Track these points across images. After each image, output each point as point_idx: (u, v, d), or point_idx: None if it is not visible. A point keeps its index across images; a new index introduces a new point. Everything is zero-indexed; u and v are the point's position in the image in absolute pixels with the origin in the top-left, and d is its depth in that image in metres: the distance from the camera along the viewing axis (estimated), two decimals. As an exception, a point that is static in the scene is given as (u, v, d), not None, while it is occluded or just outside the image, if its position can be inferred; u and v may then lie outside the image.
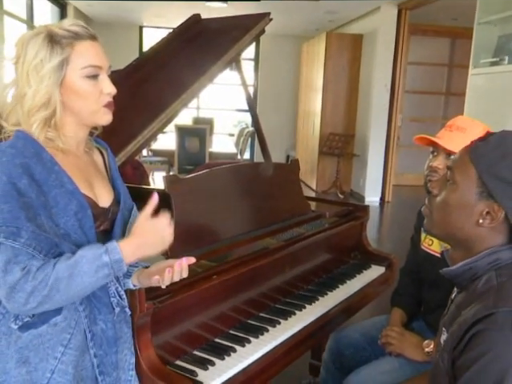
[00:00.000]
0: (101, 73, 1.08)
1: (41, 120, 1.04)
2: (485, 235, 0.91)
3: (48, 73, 1.02)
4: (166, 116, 1.73)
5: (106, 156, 1.25)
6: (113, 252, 1.00)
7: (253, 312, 1.61)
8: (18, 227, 0.95)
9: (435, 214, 0.98)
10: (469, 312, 0.87)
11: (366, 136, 7.02)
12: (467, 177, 0.91)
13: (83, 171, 1.12)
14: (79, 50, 1.05)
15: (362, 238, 2.25)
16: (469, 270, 0.93)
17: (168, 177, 1.51)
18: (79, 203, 1.04)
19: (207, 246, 1.58)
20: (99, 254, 0.99)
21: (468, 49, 8.12)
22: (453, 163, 0.96)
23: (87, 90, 1.07)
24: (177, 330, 1.35)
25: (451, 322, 0.94)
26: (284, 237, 1.85)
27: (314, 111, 7.68)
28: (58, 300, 0.98)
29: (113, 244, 1.01)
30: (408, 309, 1.74)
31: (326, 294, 1.83)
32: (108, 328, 1.11)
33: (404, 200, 7.47)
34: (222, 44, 2.03)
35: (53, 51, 1.03)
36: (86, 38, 1.06)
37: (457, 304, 0.97)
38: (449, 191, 0.94)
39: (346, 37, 7.27)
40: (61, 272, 0.96)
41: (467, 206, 0.91)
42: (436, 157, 1.55)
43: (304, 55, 8.39)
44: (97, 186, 1.14)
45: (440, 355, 0.91)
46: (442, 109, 8.43)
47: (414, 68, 7.73)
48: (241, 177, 1.84)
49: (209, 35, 2.16)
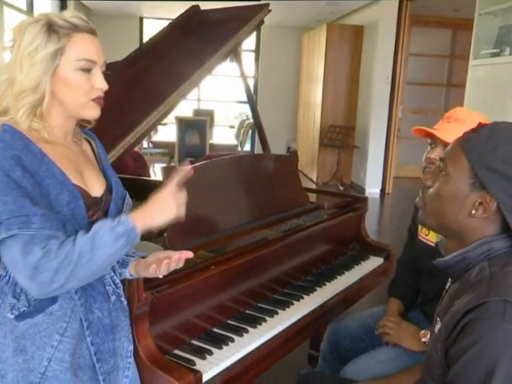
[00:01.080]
0: (95, 68, 1.08)
1: (28, 106, 1.03)
2: (477, 226, 0.92)
3: (41, 59, 1.02)
4: (165, 107, 1.73)
5: (94, 146, 1.25)
6: (126, 222, 1.01)
7: (252, 303, 1.62)
8: (27, 215, 0.95)
9: (428, 206, 0.99)
10: (461, 302, 0.88)
11: (366, 127, 7.01)
12: (459, 168, 0.91)
13: (73, 161, 1.12)
14: (76, 42, 1.05)
15: (360, 230, 2.26)
16: (462, 260, 0.93)
17: (167, 168, 1.51)
18: (70, 193, 1.05)
19: (206, 236, 1.59)
20: (113, 225, 1.01)
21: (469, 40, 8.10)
22: (446, 154, 0.96)
23: (78, 82, 1.06)
24: (175, 320, 1.36)
25: (445, 312, 0.95)
26: (283, 228, 1.86)
27: (314, 102, 7.67)
28: (82, 276, 1.00)
29: (124, 216, 1.03)
30: (405, 299, 1.75)
31: (324, 285, 1.84)
32: (104, 316, 1.13)
33: (404, 192, 7.47)
34: (221, 35, 2.02)
35: (49, 39, 1.03)
36: (84, 31, 1.06)
37: (450, 294, 0.98)
38: (442, 182, 0.95)
39: (347, 28, 7.23)
40: (83, 246, 0.98)
41: (459, 197, 0.92)
42: (433, 148, 1.54)
43: (305, 46, 8.36)
44: (88, 176, 1.15)
45: (434, 344, 0.92)
46: (443, 101, 8.40)
47: (415, 60, 7.69)
48: (240, 169, 1.84)
49: (208, 26, 2.15)
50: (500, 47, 3.60)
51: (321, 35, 7.30)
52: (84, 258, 0.97)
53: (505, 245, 0.89)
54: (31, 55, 1.02)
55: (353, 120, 7.40)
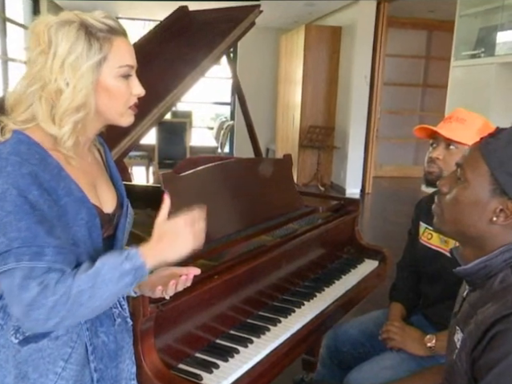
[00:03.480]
0: (133, 73, 1.02)
1: (74, 123, 0.95)
2: (497, 233, 0.90)
3: (86, 71, 0.94)
4: (159, 110, 1.68)
5: (103, 153, 1.17)
6: (134, 258, 0.93)
7: (252, 311, 1.58)
8: (40, 246, 0.87)
9: (446, 213, 0.96)
10: (486, 312, 0.85)
11: (346, 128, 7.05)
12: (479, 174, 0.89)
13: (88, 174, 1.05)
14: (117, 47, 0.97)
15: (355, 233, 2.24)
16: (484, 268, 0.91)
17: (165, 174, 1.46)
18: (88, 212, 0.98)
19: (205, 244, 1.54)
20: (120, 261, 0.93)
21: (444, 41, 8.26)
22: (463, 160, 0.94)
23: (120, 90, 0.99)
24: (178, 333, 1.31)
25: (465, 321, 0.93)
26: (280, 233, 1.82)
27: (293, 104, 7.67)
28: (81, 314, 0.92)
29: (133, 250, 0.95)
30: (407, 303, 1.74)
31: (323, 290, 1.81)
32: (110, 340, 1.07)
33: (383, 191, 7.55)
34: (213, 37, 1.98)
35: (91, 46, 0.94)
36: (121, 33, 0.99)
37: (470, 302, 0.95)
38: (461, 189, 0.92)
39: (325, 29, 7.26)
40: (83, 283, 0.90)
41: (479, 204, 0.89)
42: (435, 148, 1.55)
43: (283, 47, 8.36)
44: (101, 190, 1.08)
45: (458, 355, 0.90)
46: (420, 101, 8.54)
47: (392, 60, 7.78)
48: (236, 173, 1.80)
49: (199, 28, 2.10)
50: (480, 49, 3.66)
51: (299, 36, 7.31)
52: (84, 296, 0.89)
53: None
54: (74, 66, 0.93)
55: (332, 120, 7.43)
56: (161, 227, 0.98)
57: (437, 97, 8.44)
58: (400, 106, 8.36)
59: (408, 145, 8.70)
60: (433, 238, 1.66)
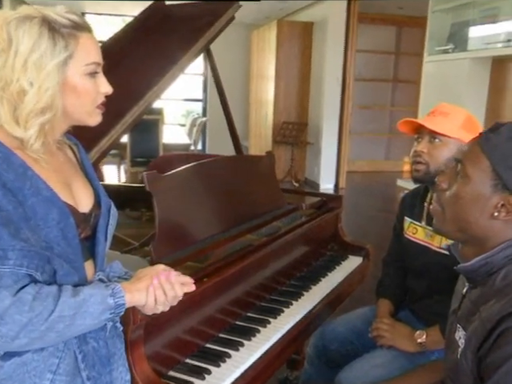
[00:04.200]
0: (99, 70, 0.97)
1: (41, 125, 0.90)
2: (499, 229, 0.89)
3: (53, 71, 0.89)
4: (139, 108, 1.63)
5: (77, 151, 1.12)
6: (118, 296, 0.92)
7: (241, 313, 1.55)
8: (3, 249, 0.82)
9: (447, 210, 0.95)
10: (491, 309, 0.84)
11: (319, 124, 7.07)
12: (480, 169, 0.88)
13: (59, 172, 1.00)
14: (83, 44, 0.93)
15: (338, 230, 2.23)
16: (485, 265, 0.90)
17: (149, 174, 1.41)
18: (59, 211, 0.92)
19: (191, 245, 1.50)
20: (105, 295, 0.91)
21: (413, 37, 8.38)
22: (463, 155, 0.93)
23: (87, 89, 0.95)
24: (168, 339, 1.26)
25: (468, 319, 0.92)
26: (264, 232, 1.79)
27: (266, 100, 7.65)
28: (48, 340, 0.88)
29: (118, 287, 0.94)
30: (394, 300, 1.73)
31: (310, 288, 1.79)
32: (101, 346, 1.01)
33: (356, 186, 7.62)
34: (192, 32, 1.93)
35: (56, 44, 0.89)
36: (86, 29, 0.94)
37: (472, 299, 0.94)
38: (461, 184, 0.91)
39: (297, 25, 7.25)
40: (67, 310, 0.86)
41: (481, 199, 0.88)
42: (420, 142, 1.55)
43: (254, 43, 8.32)
44: (76, 188, 1.03)
45: (463, 354, 0.88)
46: (390, 96, 8.64)
47: (362, 56, 7.84)
48: (220, 172, 1.76)
49: (177, 23, 2.04)
50: (453, 44, 3.70)
51: (271, 32, 7.28)
52: (62, 323, 0.86)
53: None
54: (38, 65, 0.88)
55: (305, 116, 7.44)
56: (142, 271, 1.01)
57: (408, 92, 8.57)
58: (370, 101, 8.45)
59: (379, 140, 8.81)
60: (418, 233, 1.66)
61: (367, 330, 1.64)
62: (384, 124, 8.74)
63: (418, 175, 1.56)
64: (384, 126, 8.75)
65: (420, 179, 1.57)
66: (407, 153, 7.76)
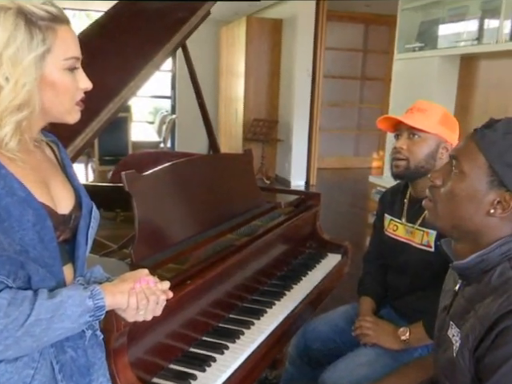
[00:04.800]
0: (78, 65, 0.92)
1: (17, 123, 0.85)
2: (494, 226, 0.89)
3: (30, 66, 0.83)
4: (114, 105, 1.57)
5: (57, 150, 1.06)
6: (97, 297, 0.88)
7: (223, 315, 1.52)
8: None
9: (440, 206, 0.94)
10: (488, 307, 0.84)
11: (289, 121, 7.08)
12: (476, 165, 0.87)
13: (37, 171, 0.94)
14: (62, 37, 0.87)
15: (316, 227, 2.22)
16: (481, 262, 0.89)
17: (128, 174, 1.35)
18: (35, 213, 0.87)
19: (172, 247, 1.46)
20: (84, 297, 0.86)
21: (381, 35, 8.47)
22: (458, 152, 0.92)
23: (66, 85, 0.90)
24: (151, 344, 1.22)
25: (462, 316, 0.91)
26: (244, 231, 1.76)
27: (236, 97, 7.60)
28: (25, 347, 0.83)
29: (97, 289, 0.89)
30: (376, 297, 1.73)
31: (291, 288, 1.77)
32: (79, 355, 0.96)
33: (327, 183, 7.67)
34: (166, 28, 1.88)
35: (33, 37, 0.83)
36: (65, 22, 0.89)
37: (466, 297, 0.94)
38: (456, 181, 0.90)
39: (266, 22, 7.23)
40: (43, 312, 0.81)
41: (476, 196, 0.88)
42: (399, 139, 1.57)
43: (223, 39, 8.25)
44: (55, 188, 0.97)
45: (460, 352, 0.88)
46: (358, 94, 8.72)
47: (331, 53, 7.89)
48: (199, 171, 1.72)
49: (151, 18, 1.98)
50: (422, 42, 3.76)
51: (240, 28, 7.24)
52: (39, 327, 0.81)
53: None
54: (14, 60, 0.82)
55: (275, 113, 7.44)
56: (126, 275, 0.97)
57: (376, 90, 8.67)
58: (339, 98, 8.51)
59: (348, 137, 8.90)
60: (399, 230, 1.66)
61: (350, 329, 1.64)
62: (353, 121, 8.84)
63: (398, 171, 1.56)
64: (352, 123, 8.84)
65: (401, 175, 1.58)
66: (375, 150, 7.86)
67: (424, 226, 1.55)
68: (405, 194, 1.68)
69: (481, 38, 3.18)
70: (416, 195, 1.60)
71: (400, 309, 1.67)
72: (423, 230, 1.56)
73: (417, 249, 1.58)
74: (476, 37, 3.26)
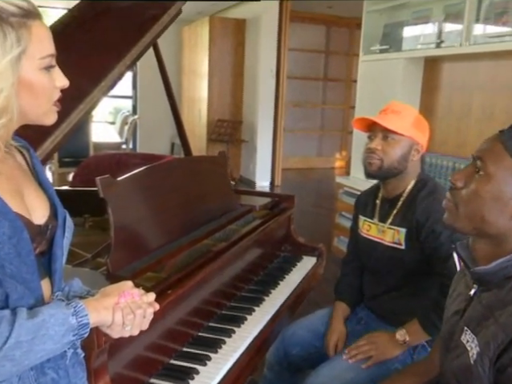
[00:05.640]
0: (54, 63, 0.86)
1: None
2: None
3: (6, 70, 0.76)
4: (85, 106, 1.49)
5: (28, 157, 0.98)
6: (81, 314, 0.81)
7: (203, 323, 1.47)
8: None
9: (462, 208, 0.90)
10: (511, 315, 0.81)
11: (254, 121, 7.06)
12: (503, 167, 0.85)
13: (11, 179, 0.87)
14: (37, 34, 0.80)
15: (290, 230, 2.20)
16: (505, 268, 0.87)
17: (103, 179, 1.28)
18: (11, 224, 0.80)
19: (149, 254, 1.40)
20: (67, 315, 0.80)
21: (342, 37, 8.58)
22: (483, 153, 0.89)
23: (43, 85, 0.83)
24: (129, 358, 1.16)
25: (480, 323, 0.88)
26: (220, 236, 1.71)
27: (199, 97, 7.51)
28: (3, 373, 0.76)
29: (81, 305, 0.83)
30: (350, 302, 1.72)
31: (270, 293, 1.74)
32: (61, 376, 0.89)
33: (291, 183, 7.70)
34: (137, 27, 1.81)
35: (6, 37, 0.76)
36: (37, 16, 0.82)
37: (484, 303, 0.90)
38: (481, 183, 0.87)
39: (229, 22, 7.18)
40: (24, 334, 0.74)
41: (502, 198, 0.85)
42: (373, 140, 1.56)
43: (186, 39, 8.14)
44: (28, 197, 0.90)
45: (479, 359, 0.85)
46: (321, 94, 8.80)
47: (294, 54, 7.92)
48: (174, 175, 1.66)
49: (120, 17, 1.90)
50: (387, 44, 3.80)
51: (203, 28, 7.16)
52: (19, 350, 0.75)
53: None
54: None
55: (240, 114, 7.40)
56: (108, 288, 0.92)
57: (338, 91, 8.78)
58: (302, 99, 8.56)
59: (311, 138, 8.97)
60: (372, 230, 1.67)
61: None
62: (316, 121, 8.91)
63: (371, 169, 1.56)
64: (315, 124, 8.91)
65: (373, 174, 1.58)
66: (338, 150, 7.95)
67: (395, 225, 1.57)
68: (377, 194, 1.69)
69: (445, 41, 3.24)
70: (387, 195, 1.63)
71: (376, 310, 1.67)
72: (393, 228, 1.58)
73: (389, 247, 1.59)
74: (440, 40, 3.32)
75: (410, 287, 1.59)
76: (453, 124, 3.37)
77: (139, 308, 0.90)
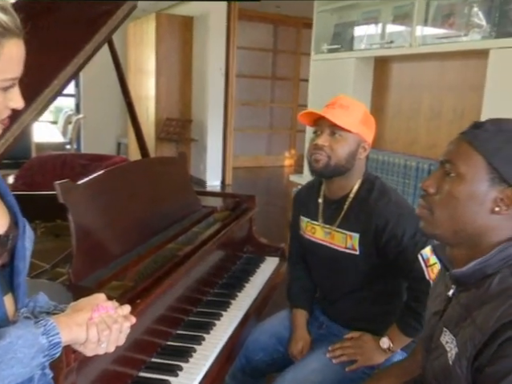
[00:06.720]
0: (16, 83, 0.78)
1: None
2: (497, 225, 0.87)
3: None
4: (37, 106, 1.39)
5: None
6: (51, 333, 0.75)
7: (171, 332, 1.41)
8: None
9: (438, 213, 0.90)
10: (488, 315, 0.81)
11: (203, 120, 6.98)
12: (474, 166, 0.86)
13: None
14: (8, 54, 0.73)
15: (252, 231, 2.17)
16: (481, 269, 0.87)
17: (62, 184, 1.20)
18: None
19: (113, 262, 1.33)
20: (36, 335, 0.73)
21: (290, 36, 8.64)
22: (451, 155, 0.90)
23: None
24: (94, 373, 1.09)
25: (458, 323, 0.88)
26: (183, 240, 1.66)
27: (147, 95, 7.33)
28: None
29: (51, 323, 0.76)
30: (309, 306, 1.68)
31: (236, 296, 1.70)
32: None
33: (242, 182, 7.69)
34: (89, 23, 1.72)
35: None
36: (15, 35, 0.74)
37: (462, 303, 0.90)
38: (454, 184, 0.88)
39: (176, 19, 7.04)
40: None
41: (478, 196, 0.86)
42: (320, 135, 1.47)
43: (131, 36, 7.91)
44: None
45: (457, 360, 0.85)
46: (270, 93, 8.83)
47: (242, 53, 7.90)
48: (135, 178, 1.59)
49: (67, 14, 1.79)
50: (338, 44, 3.85)
51: (149, 25, 6.99)
52: None
53: None
54: None
55: (189, 112, 7.29)
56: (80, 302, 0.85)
57: (286, 89, 8.85)
58: (251, 98, 8.55)
59: (260, 136, 8.99)
60: (317, 232, 1.59)
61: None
62: (265, 120, 8.93)
63: (318, 166, 1.47)
64: (264, 122, 8.94)
65: (320, 171, 1.49)
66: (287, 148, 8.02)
67: (345, 228, 1.50)
68: (319, 193, 1.60)
69: (394, 42, 3.32)
70: (331, 195, 1.55)
71: (334, 316, 1.62)
72: (344, 232, 1.50)
73: (343, 253, 1.51)
74: (389, 40, 3.39)
75: (365, 291, 1.53)
76: (403, 122, 3.46)
77: (115, 322, 0.84)
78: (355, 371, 1.45)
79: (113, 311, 0.85)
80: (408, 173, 2.92)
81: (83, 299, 0.87)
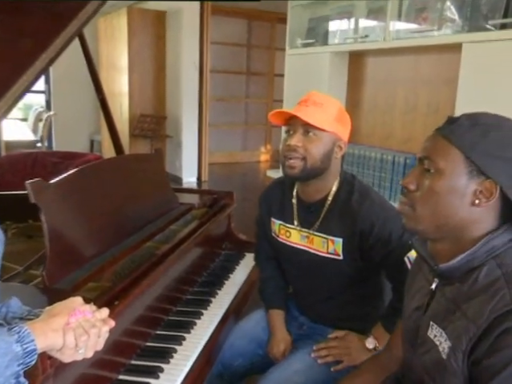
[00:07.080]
0: None
1: None
2: (480, 218, 0.87)
3: None
4: (5, 103, 1.33)
5: None
6: (26, 341, 0.72)
7: (150, 332, 1.38)
8: None
9: (420, 209, 0.90)
10: (480, 307, 0.81)
11: (178, 116, 6.90)
12: (452, 160, 0.87)
13: None
14: None
15: (231, 228, 2.15)
16: (467, 262, 0.87)
17: (34, 183, 1.15)
18: None
19: (89, 263, 1.29)
20: (10, 343, 0.70)
21: (264, 31, 8.61)
22: (428, 152, 0.90)
23: None
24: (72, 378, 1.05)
25: (446, 317, 0.88)
26: (161, 238, 1.62)
27: (120, 92, 7.20)
28: None
29: (25, 329, 0.74)
30: (285, 305, 1.64)
31: (216, 294, 1.68)
32: None
33: (218, 178, 7.65)
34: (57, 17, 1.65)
35: None
36: None
37: (448, 297, 0.90)
38: (434, 180, 0.88)
39: (149, 13, 6.93)
40: None
41: (458, 189, 0.87)
42: (292, 135, 1.38)
43: (102, 31, 7.76)
44: None
45: (452, 354, 0.84)
46: (244, 88, 8.79)
47: (216, 48, 7.84)
48: (110, 176, 1.55)
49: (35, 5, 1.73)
50: (312, 38, 3.85)
51: (121, 20, 6.86)
52: None
53: (506, 239, 0.86)
54: None
55: (163, 109, 7.20)
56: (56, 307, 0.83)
57: (261, 85, 8.82)
58: (225, 93, 8.50)
59: (235, 132, 8.95)
60: (293, 236, 1.53)
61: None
62: (240, 115, 8.89)
63: (294, 173, 1.38)
64: (239, 118, 8.90)
65: (297, 177, 1.41)
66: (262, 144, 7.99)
67: (325, 233, 1.44)
68: (291, 194, 1.53)
69: (369, 36, 3.33)
70: (307, 198, 1.48)
71: (314, 318, 1.59)
72: (324, 237, 1.45)
73: (326, 258, 1.46)
74: (363, 35, 3.40)
75: (347, 294, 1.51)
76: (378, 116, 3.48)
77: (93, 326, 0.81)
78: (340, 371, 1.42)
79: (91, 315, 0.82)
80: (385, 166, 2.94)
81: (59, 303, 0.83)
